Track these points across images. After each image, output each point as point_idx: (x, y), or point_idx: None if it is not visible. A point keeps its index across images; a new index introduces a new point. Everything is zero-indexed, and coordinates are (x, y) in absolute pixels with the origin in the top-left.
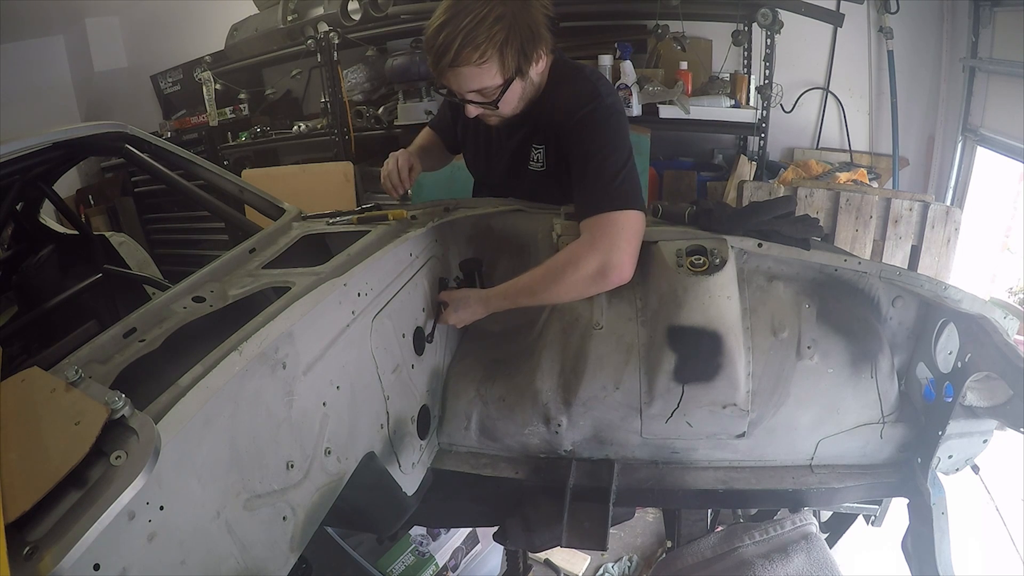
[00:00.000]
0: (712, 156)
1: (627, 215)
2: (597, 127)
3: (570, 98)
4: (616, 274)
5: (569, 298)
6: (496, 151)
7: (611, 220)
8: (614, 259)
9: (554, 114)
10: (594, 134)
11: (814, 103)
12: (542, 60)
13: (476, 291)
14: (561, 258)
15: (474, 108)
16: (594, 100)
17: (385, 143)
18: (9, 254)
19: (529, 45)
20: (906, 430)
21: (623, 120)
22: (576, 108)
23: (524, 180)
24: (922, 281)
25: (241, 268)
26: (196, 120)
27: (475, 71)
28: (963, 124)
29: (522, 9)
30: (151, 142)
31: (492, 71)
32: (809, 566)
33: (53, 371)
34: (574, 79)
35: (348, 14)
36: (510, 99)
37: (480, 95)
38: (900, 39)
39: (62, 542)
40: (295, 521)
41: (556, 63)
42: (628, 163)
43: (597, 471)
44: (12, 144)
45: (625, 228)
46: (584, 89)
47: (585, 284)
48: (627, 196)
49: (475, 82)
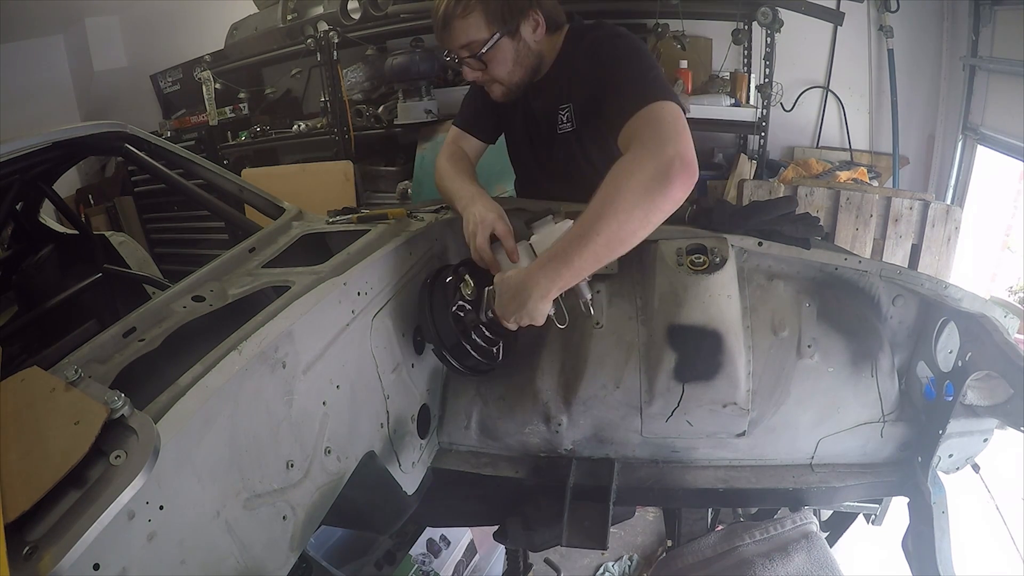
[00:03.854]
0: (712, 155)
1: (666, 106)
2: (614, 47)
3: (585, 42)
4: (680, 165)
5: (633, 223)
6: (533, 130)
7: (652, 113)
8: (670, 150)
9: (574, 69)
10: (614, 52)
11: (814, 102)
12: (540, 27)
13: (517, 271)
14: (608, 178)
15: (470, 71)
16: (606, 31)
17: (385, 142)
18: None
19: (516, 2)
20: (906, 429)
21: (642, 45)
22: (591, 44)
23: (557, 147)
24: (922, 280)
25: (241, 267)
26: (196, 119)
27: (461, 24)
28: (963, 123)
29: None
30: (151, 141)
31: (478, 23)
32: (809, 565)
33: (53, 371)
34: (589, 29)
35: (348, 13)
36: (500, 58)
37: (469, 51)
38: (900, 38)
39: (62, 542)
40: (295, 520)
41: (572, 30)
42: (654, 69)
43: (597, 470)
44: (12, 144)
45: (671, 117)
46: (597, 31)
47: (647, 191)
48: (662, 88)
49: (463, 35)
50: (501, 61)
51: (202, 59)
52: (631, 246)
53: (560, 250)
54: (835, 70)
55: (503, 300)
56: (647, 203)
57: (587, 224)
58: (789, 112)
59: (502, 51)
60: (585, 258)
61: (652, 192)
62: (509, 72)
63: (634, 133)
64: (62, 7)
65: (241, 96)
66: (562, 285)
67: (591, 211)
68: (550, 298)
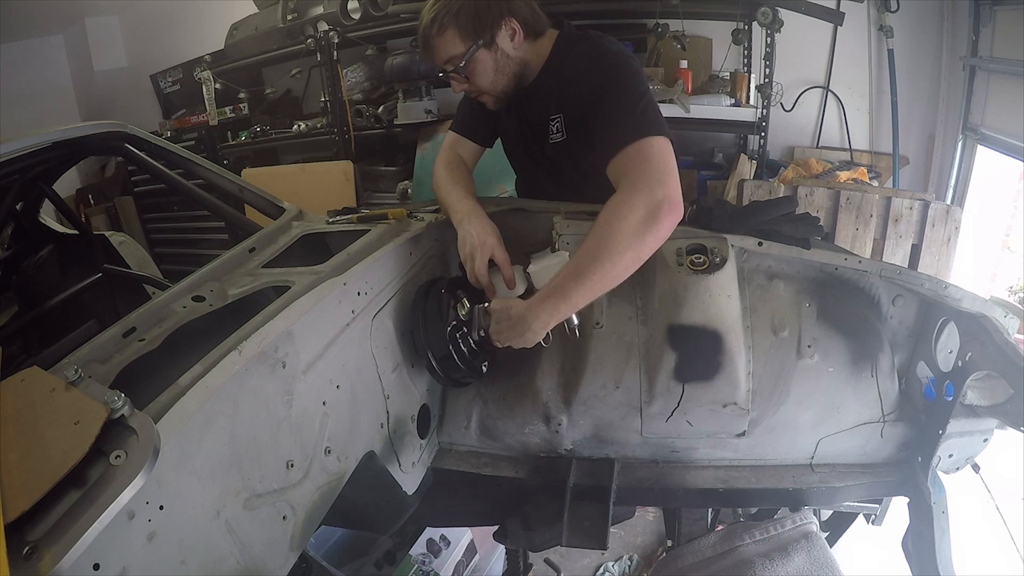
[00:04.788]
0: (712, 155)
1: (655, 142)
2: (606, 71)
3: (574, 58)
4: (668, 208)
5: (625, 261)
6: (527, 136)
7: (641, 151)
8: (659, 193)
9: (564, 80)
10: (604, 76)
11: (814, 102)
12: (518, 34)
13: (518, 304)
14: (599, 219)
15: (456, 84)
16: (597, 50)
17: (385, 142)
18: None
19: (487, 14)
20: (906, 429)
21: (634, 63)
22: (580, 62)
23: (548, 155)
24: (922, 280)
25: (241, 267)
26: (196, 119)
27: (439, 42)
28: (963, 123)
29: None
30: (151, 141)
31: (454, 39)
32: (809, 565)
33: (53, 371)
34: (577, 42)
35: (348, 13)
36: (481, 70)
37: (451, 65)
38: (900, 38)
39: (62, 542)
40: (295, 520)
41: (560, 36)
42: (646, 96)
43: (597, 470)
44: (12, 144)
45: (659, 156)
46: (586, 47)
47: (637, 234)
48: (652, 122)
49: (443, 53)
50: (482, 72)
51: (202, 59)
52: (623, 279)
53: (558, 286)
54: (835, 70)
55: (501, 328)
56: (638, 244)
57: (583, 264)
58: (789, 112)
59: (481, 63)
60: (581, 294)
61: (643, 234)
62: (492, 82)
63: (625, 171)
64: (62, 7)
65: (241, 96)
66: (559, 318)
67: (587, 251)
68: (547, 329)
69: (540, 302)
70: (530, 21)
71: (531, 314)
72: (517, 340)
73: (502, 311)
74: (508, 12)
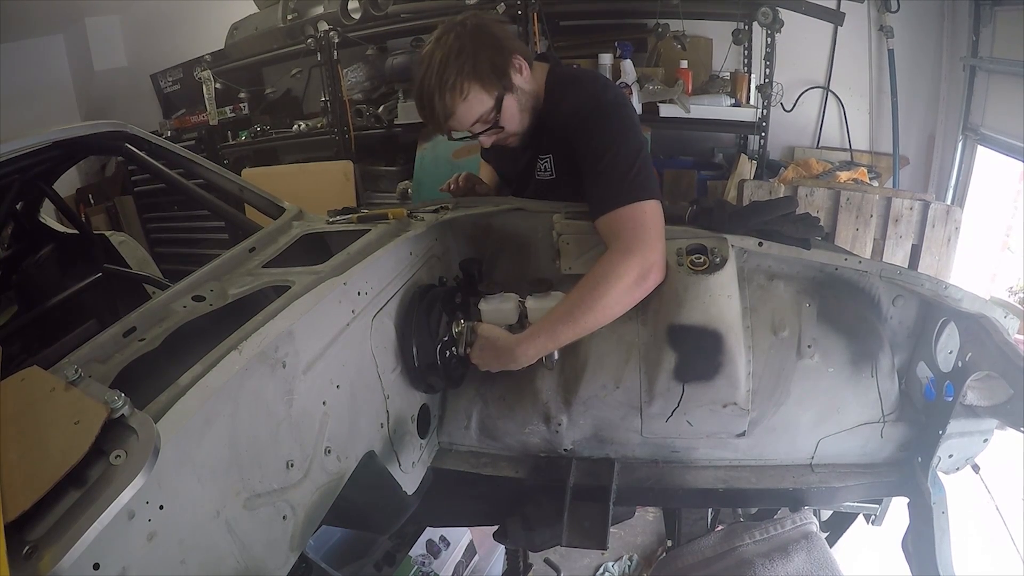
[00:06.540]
0: (712, 155)
1: (648, 206)
2: (603, 125)
3: (570, 105)
4: (655, 274)
5: (613, 315)
6: (519, 170)
7: (633, 216)
8: (651, 258)
9: (556, 124)
10: (601, 132)
11: (814, 102)
12: (524, 68)
13: (506, 336)
14: (596, 272)
15: (487, 138)
16: (593, 100)
17: (385, 142)
18: (9, 253)
19: (499, 58)
20: (906, 429)
21: (629, 112)
22: (577, 112)
23: (536, 188)
24: (922, 280)
25: (241, 267)
26: (196, 119)
27: (466, 107)
28: (963, 123)
29: (475, 31)
30: (151, 141)
31: (479, 96)
32: (809, 565)
33: (53, 370)
34: (571, 85)
35: (348, 13)
36: (509, 115)
37: (482, 124)
38: (901, 38)
39: (62, 541)
40: (295, 520)
41: (552, 73)
42: (641, 154)
43: (597, 470)
44: (12, 144)
45: (650, 222)
46: (582, 93)
47: (628, 295)
48: (644, 187)
49: (470, 116)
50: (511, 116)
51: (202, 59)
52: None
53: (548, 327)
54: (835, 70)
55: (486, 356)
56: (627, 301)
57: (576, 311)
58: (789, 112)
59: (509, 108)
60: (569, 336)
61: (632, 293)
62: (520, 121)
63: (619, 232)
64: (62, 7)
65: (241, 96)
66: (544, 353)
67: (580, 299)
68: (531, 362)
69: (530, 339)
70: (526, 52)
71: (519, 349)
72: (495, 366)
73: (489, 340)
74: (512, 50)
